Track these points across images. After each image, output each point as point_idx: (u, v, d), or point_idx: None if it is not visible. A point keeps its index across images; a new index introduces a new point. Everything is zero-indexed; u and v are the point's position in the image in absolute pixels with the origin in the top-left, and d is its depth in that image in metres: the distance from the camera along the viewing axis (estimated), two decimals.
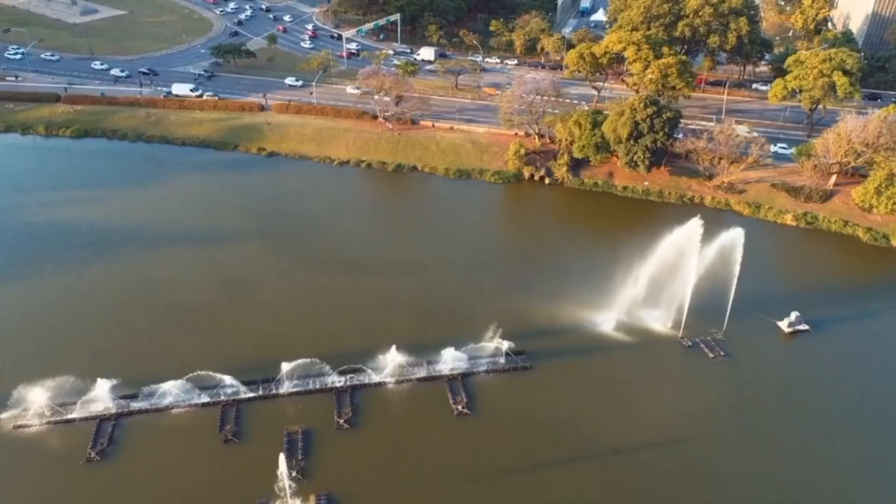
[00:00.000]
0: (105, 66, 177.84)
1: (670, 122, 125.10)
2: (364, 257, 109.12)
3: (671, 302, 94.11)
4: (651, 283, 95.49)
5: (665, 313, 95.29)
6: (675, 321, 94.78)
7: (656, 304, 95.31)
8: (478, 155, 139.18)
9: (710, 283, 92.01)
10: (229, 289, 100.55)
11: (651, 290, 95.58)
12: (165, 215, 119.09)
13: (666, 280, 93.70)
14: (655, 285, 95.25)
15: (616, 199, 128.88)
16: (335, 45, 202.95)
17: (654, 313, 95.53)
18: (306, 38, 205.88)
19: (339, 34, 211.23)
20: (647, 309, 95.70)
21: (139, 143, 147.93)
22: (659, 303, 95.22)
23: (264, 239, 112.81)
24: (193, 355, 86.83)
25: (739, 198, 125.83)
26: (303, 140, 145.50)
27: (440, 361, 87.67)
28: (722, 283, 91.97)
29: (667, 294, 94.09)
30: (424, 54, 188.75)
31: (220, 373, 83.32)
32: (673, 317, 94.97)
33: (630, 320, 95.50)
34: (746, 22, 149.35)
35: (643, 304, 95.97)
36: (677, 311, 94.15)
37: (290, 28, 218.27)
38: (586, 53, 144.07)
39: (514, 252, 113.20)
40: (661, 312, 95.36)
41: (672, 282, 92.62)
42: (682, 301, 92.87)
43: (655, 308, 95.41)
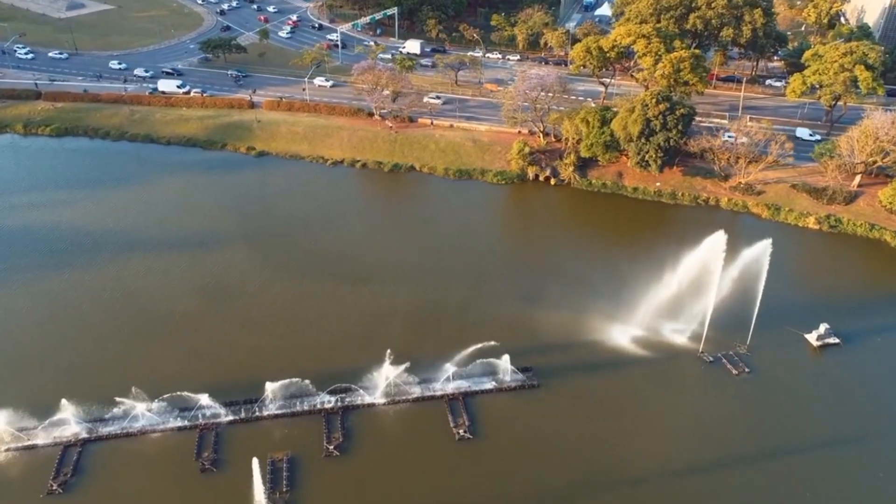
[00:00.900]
0: (123, 66, 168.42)
1: (684, 118, 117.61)
2: (357, 263, 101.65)
3: (691, 313, 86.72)
4: (668, 292, 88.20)
5: (684, 326, 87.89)
6: (694, 334, 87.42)
7: (674, 316, 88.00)
8: (479, 154, 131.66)
9: (733, 293, 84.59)
10: (210, 298, 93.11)
11: (668, 301, 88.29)
12: (145, 219, 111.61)
13: (685, 290, 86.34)
14: (673, 295, 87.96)
15: (626, 201, 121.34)
16: (318, 36, 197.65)
17: (673, 325, 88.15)
18: (286, 29, 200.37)
19: (321, 24, 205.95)
20: (665, 321, 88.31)
21: (122, 141, 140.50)
22: (677, 314, 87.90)
23: (250, 243, 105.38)
24: (169, 373, 79.62)
25: (757, 199, 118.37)
26: (294, 138, 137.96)
27: (439, 379, 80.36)
28: (745, 292, 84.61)
29: (686, 305, 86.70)
30: (410, 47, 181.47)
31: (198, 392, 76.03)
32: (692, 329, 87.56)
33: (646, 333, 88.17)
34: (762, 14, 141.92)
35: (660, 315, 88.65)
36: (698, 324, 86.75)
37: (273, 19, 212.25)
38: (593, 47, 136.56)
39: (519, 258, 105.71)
40: (679, 325, 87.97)
41: (692, 292, 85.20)
42: (702, 313, 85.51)
43: (673, 320, 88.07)
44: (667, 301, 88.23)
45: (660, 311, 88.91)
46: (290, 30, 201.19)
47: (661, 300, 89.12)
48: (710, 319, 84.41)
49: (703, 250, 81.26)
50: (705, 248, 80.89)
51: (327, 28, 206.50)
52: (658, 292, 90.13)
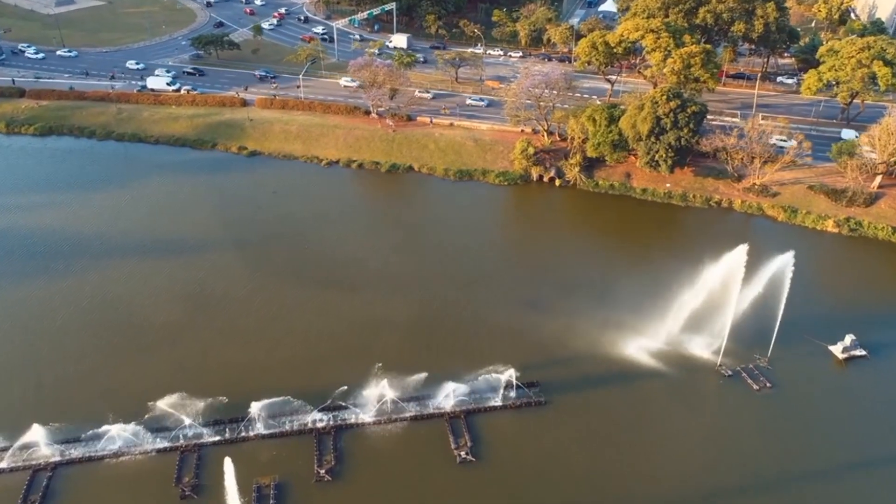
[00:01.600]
0: (142, 66, 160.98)
1: (696, 117, 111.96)
2: (351, 270, 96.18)
3: (708, 324, 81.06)
4: (684, 301, 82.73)
5: (701, 337, 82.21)
6: (712, 345, 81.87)
7: (690, 326, 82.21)
8: (480, 154, 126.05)
9: (752, 303, 79.03)
10: (194, 307, 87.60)
11: (684, 310, 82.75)
12: (129, 222, 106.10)
13: (701, 299, 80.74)
14: (689, 305, 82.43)
15: (635, 203, 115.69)
16: (304, 29, 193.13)
17: (688, 337, 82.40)
18: (273, 22, 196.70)
19: (307, 17, 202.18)
20: (680, 331, 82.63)
21: (108, 141, 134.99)
22: (693, 325, 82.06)
23: (239, 248, 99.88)
24: (148, 389, 73.78)
25: (773, 201, 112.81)
26: (288, 138, 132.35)
27: (439, 396, 74.82)
28: (765, 301, 78.97)
29: (703, 315, 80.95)
30: (396, 41, 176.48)
31: (180, 411, 70.62)
32: (710, 341, 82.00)
33: (660, 345, 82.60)
34: (774, 8, 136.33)
35: (675, 325, 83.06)
36: (716, 335, 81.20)
37: (261, 13, 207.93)
38: (599, 43, 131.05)
39: (523, 264, 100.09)
40: (696, 336, 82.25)
41: (709, 302, 79.52)
42: (720, 324, 79.95)
43: (689, 331, 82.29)
44: (682, 311, 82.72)
45: (675, 321, 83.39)
46: (276, 22, 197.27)
47: (676, 310, 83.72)
48: (729, 330, 78.95)
49: (723, 265, 75.66)
50: (725, 262, 75.31)
51: (314, 21, 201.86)
52: (673, 301, 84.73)
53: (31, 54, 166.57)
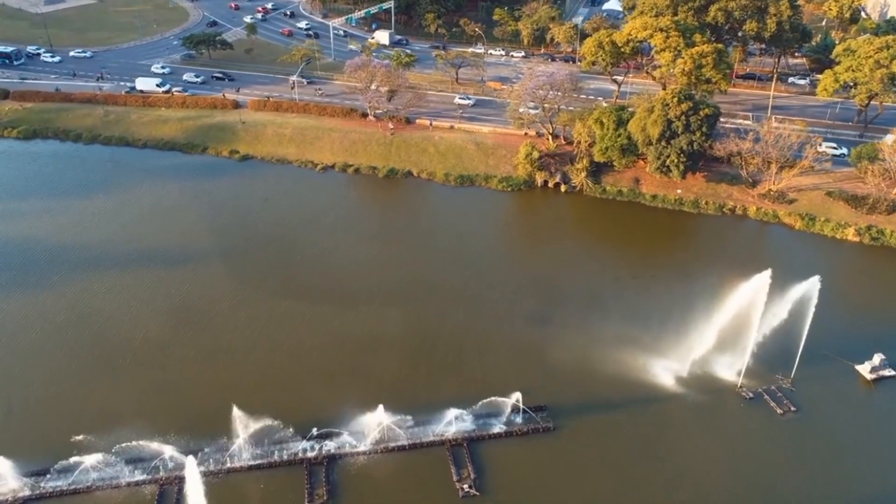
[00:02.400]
0: (167, 70, 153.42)
1: (708, 119, 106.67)
2: (346, 282, 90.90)
3: (727, 344, 75.67)
4: (702, 321, 77.60)
5: (720, 356, 76.80)
6: (731, 364, 76.63)
7: (708, 345, 76.80)
8: (482, 158, 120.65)
9: (775, 322, 73.80)
10: (177, 323, 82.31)
11: (701, 328, 77.60)
12: (111, 231, 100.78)
13: (720, 316, 75.51)
14: (706, 321, 77.30)
15: (645, 211, 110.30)
16: (288, 25, 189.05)
17: (706, 356, 76.90)
18: (258, 17, 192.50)
19: (292, 12, 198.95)
20: (697, 350, 77.26)
21: (95, 144, 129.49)
22: (711, 343, 76.72)
23: (226, 259, 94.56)
24: (125, 414, 68.57)
25: (789, 208, 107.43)
26: (281, 141, 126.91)
27: (440, 421, 69.47)
28: (788, 319, 73.67)
29: (721, 334, 75.56)
30: (379, 37, 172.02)
31: (159, 439, 65.32)
32: (729, 360, 76.70)
33: (675, 364, 77.23)
34: (788, 6, 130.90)
35: (691, 343, 77.83)
36: (735, 354, 75.92)
37: (245, 7, 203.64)
38: (606, 42, 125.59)
39: (529, 275, 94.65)
40: (714, 355, 76.80)
41: (729, 322, 74.15)
42: (741, 344, 74.66)
43: (707, 350, 76.86)
44: (700, 330, 77.58)
45: (691, 338, 78.21)
46: (260, 17, 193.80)
47: (693, 328, 78.61)
48: (750, 350, 73.72)
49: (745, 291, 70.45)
50: (748, 288, 70.10)
51: (301, 15, 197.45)
52: (689, 318, 79.63)
53: (48, 58, 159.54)
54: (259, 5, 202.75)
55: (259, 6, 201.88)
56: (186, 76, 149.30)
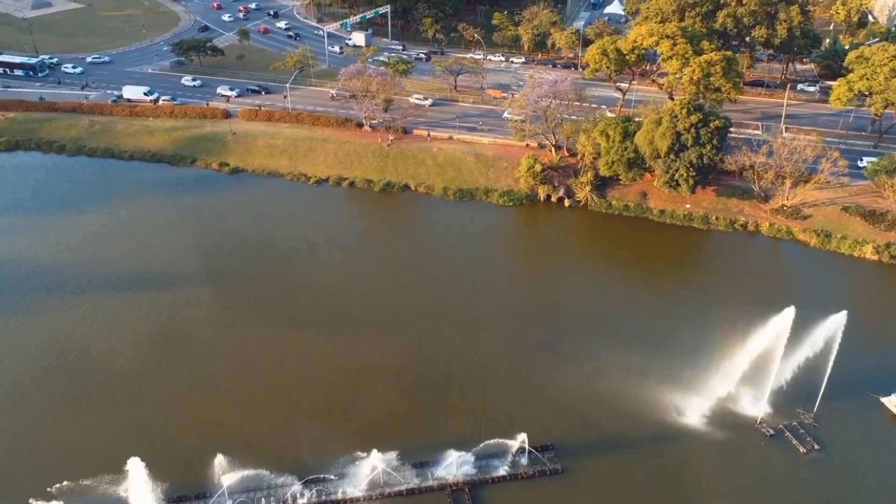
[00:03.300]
0: (198, 83, 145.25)
1: (719, 132, 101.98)
2: (339, 305, 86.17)
3: (745, 375, 70.97)
4: (717, 347, 73.07)
5: (738, 389, 72.03)
6: (749, 396, 72.00)
7: (725, 376, 72.26)
8: (482, 171, 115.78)
9: (798, 356, 69.24)
10: (158, 352, 77.61)
11: (717, 358, 73.07)
12: (92, 250, 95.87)
13: (739, 352, 70.97)
14: (723, 351, 72.78)
15: (652, 227, 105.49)
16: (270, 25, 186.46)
17: (723, 389, 72.21)
18: (240, 15, 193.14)
19: (276, 11, 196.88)
20: (713, 382, 72.72)
21: (79, 156, 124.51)
22: (728, 374, 72.15)
23: (212, 281, 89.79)
24: (99, 455, 63.91)
25: (804, 224, 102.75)
26: (273, 153, 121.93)
27: (440, 464, 64.68)
28: (810, 350, 69.03)
29: (740, 367, 70.96)
30: (356, 39, 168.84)
31: (136, 485, 60.26)
32: (748, 392, 71.98)
33: (690, 397, 72.50)
34: (799, 11, 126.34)
35: (706, 374, 73.32)
36: (754, 386, 71.25)
37: (226, 6, 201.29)
38: (610, 49, 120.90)
39: (533, 298, 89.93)
40: (731, 387, 72.06)
41: (748, 355, 69.53)
42: (760, 375, 70.02)
43: (723, 381, 72.24)
44: (715, 358, 73.07)
45: (706, 369, 73.67)
46: (241, 16, 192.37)
47: (707, 356, 74.12)
48: (770, 385, 69.08)
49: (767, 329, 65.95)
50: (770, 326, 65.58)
51: (284, 14, 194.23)
52: (704, 346, 75.13)
53: (69, 68, 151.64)
54: (241, 4, 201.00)
55: (241, 6, 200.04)
56: (220, 89, 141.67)
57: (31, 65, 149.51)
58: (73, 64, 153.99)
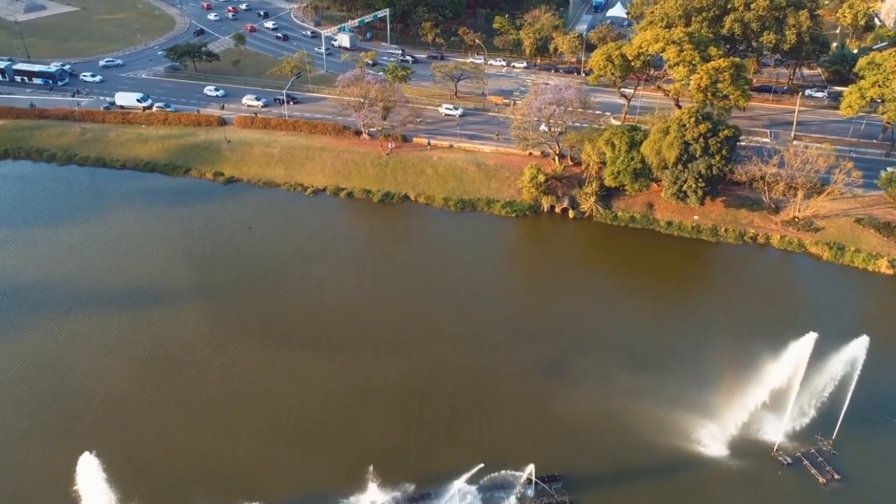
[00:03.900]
0: (221, 93, 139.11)
1: (728, 141, 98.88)
2: (333, 324, 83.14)
3: (761, 399, 67.85)
4: (729, 369, 70.09)
5: (752, 414, 68.86)
6: (765, 421, 68.87)
7: (740, 402, 69.16)
8: (484, 181, 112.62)
9: (818, 384, 66.22)
10: (145, 374, 74.68)
11: (731, 381, 70.03)
12: (78, 265, 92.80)
13: (754, 372, 67.96)
14: (736, 373, 69.76)
15: (660, 239, 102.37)
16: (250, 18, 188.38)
17: (738, 415, 69.05)
18: (229, 15, 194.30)
19: (266, 12, 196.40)
20: (728, 408, 69.63)
21: (70, 165, 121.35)
22: (742, 397, 69.15)
23: (205, 298, 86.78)
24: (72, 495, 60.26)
25: (815, 237, 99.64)
26: (269, 162, 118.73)
27: (442, 497, 61.48)
28: (828, 372, 65.98)
29: (756, 391, 67.93)
30: (341, 41, 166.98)
31: None
32: (763, 417, 68.84)
33: (702, 422, 69.44)
34: (808, 16, 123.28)
35: (719, 397, 70.36)
36: (770, 411, 68.14)
37: (216, 6, 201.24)
38: (615, 55, 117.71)
39: (537, 315, 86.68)
40: (746, 413, 68.90)
41: (764, 377, 66.52)
42: (776, 401, 66.97)
43: (739, 407, 69.13)
44: (728, 381, 70.05)
45: (720, 392, 70.73)
46: (231, 16, 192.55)
47: (720, 378, 71.15)
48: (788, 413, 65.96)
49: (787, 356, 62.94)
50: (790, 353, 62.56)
51: (281, 18, 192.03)
52: (716, 367, 72.18)
53: (88, 77, 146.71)
54: (230, 4, 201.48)
55: (230, 5, 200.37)
56: (246, 99, 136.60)
57: (51, 73, 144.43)
58: (91, 72, 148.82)
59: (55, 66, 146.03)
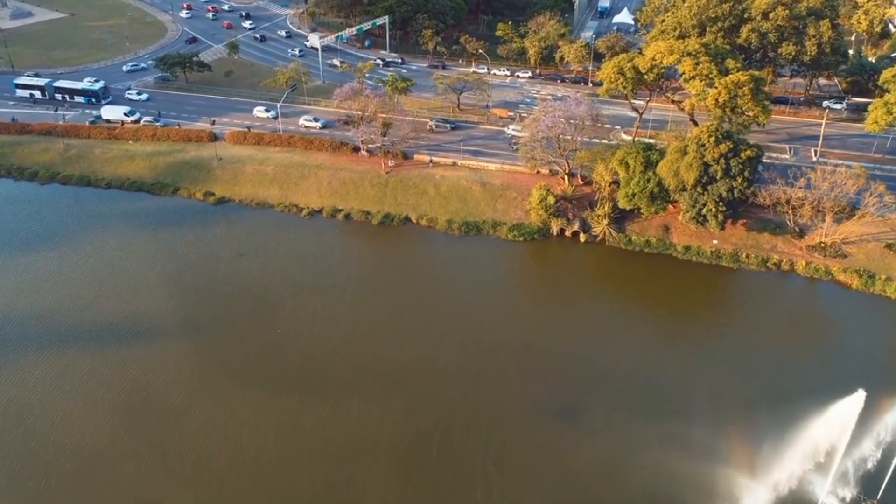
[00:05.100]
0: (272, 114, 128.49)
1: (751, 162, 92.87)
2: (326, 363, 77.18)
3: (802, 459, 61.90)
4: (759, 413, 64.47)
5: (788, 468, 62.90)
6: (800, 476, 62.78)
7: (777, 457, 63.24)
8: (489, 201, 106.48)
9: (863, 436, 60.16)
10: (119, 423, 68.82)
11: (765, 430, 64.26)
12: (52, 297, 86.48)
13: (790, 417, 62.13)
14: (772, 422, 63.91)
15: (676, 265, 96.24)
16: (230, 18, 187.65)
17: (775, 472, 63.05)
18: (209, 15, 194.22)
19: (248, 13, 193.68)
20: (761, 461, 63.71)
21: (53, 184, 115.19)
22: (782, 456, 63.18)
23: (188, 333, 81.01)
24: None
25: (843, 263, 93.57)
26: (262, 181, 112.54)
27: None
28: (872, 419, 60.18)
29: (795, 445, 62.02)
30: (312, 41, 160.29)
31: None
32: (800, 471, 62.79)
33: (735, 477, 63.40)
34: (829, 26, 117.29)
35: (754, 450, 64.49)
36: (805, 463, 62.11)
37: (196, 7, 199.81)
38: (627, 68, 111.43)
39: (547, 349, 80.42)
40: (780, 466, 62.98)
41: (806, 435, 60.58)
42: (815, 455, 60.99)
43: (775, 463, 63.21)
44: (762, 429, 64.37)
45: (751, 442, 65.00)
46: (211, 17, 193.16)
47: (752, 427, 65.48)
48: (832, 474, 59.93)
49: (833, 414, 57.03)
50: (836, 411, 56.62)
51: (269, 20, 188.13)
52: (748, 414, 66.61)
53: (133, 95, 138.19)
54: (210, 4, 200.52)
55: (210, 5, 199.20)
56: (304, 119, 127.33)
57: (94, 91, 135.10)
58: (137, 90, 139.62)
59: (99, 84, 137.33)
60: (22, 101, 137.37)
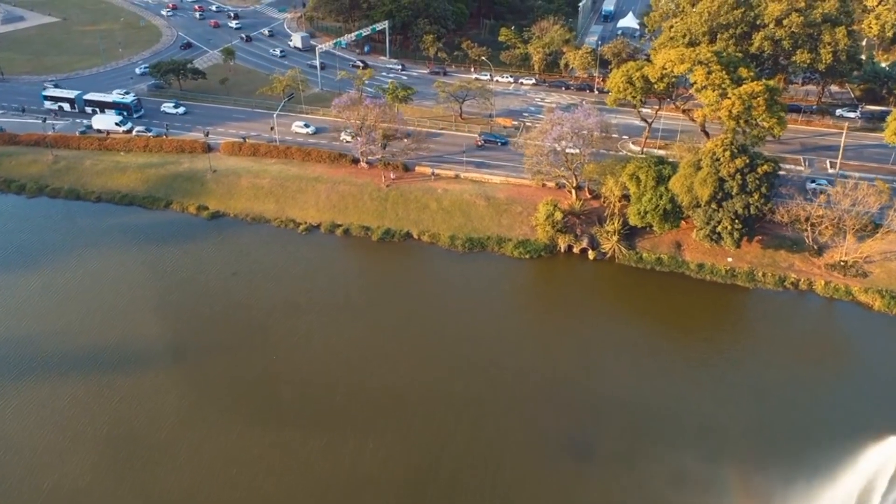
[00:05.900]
0: (312, 129, 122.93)
1: (767, 178, 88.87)
2: (322, 392, 73.62)
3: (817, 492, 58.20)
4: (789, 452, 60.26)
5: None
6: None
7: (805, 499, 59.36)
8: (494, 217, 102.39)
9: None
10: (100, 461, 65.18)
11: (791, 467, 60.22)
12: (32, 321, 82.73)
13: (822, 465, 58.04)
14: (798, 459, 59.89)
15: (690, 284, 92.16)
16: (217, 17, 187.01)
17: None
18: (197, 15, 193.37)
19: (236, 13, 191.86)
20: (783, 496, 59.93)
21: (41, 197, 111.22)
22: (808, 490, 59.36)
23: (175, 360, 77.45)
24: None
25: (864, 283, 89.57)
26: (258, 194, 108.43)
27: None
28: None
29: (825, 489, 58.13)
30: (294, 41, 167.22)
31: None
32: None
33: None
34: (845, 34, 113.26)
35: (778, 489, 60.47)
36: None
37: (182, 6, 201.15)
38: (636, 77, 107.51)
39: (556, 375, 76.51)
40: None
41: (838, 482, 56.66)
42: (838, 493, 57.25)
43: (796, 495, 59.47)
44: (787, 466, 60.37)
45: (776, 479, 60.94)
46: (198, 16, 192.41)
47: (777, 464, 61.41)
48: None
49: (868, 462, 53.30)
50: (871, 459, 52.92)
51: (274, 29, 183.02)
52: (773, 449, 62.83)
53: (170, 108, 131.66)
54: (197, 3, 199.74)
55: (197, 4, 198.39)
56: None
57: (126, 104, 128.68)
58: (173, 103, 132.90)
59: (131, 96, 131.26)
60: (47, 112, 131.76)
